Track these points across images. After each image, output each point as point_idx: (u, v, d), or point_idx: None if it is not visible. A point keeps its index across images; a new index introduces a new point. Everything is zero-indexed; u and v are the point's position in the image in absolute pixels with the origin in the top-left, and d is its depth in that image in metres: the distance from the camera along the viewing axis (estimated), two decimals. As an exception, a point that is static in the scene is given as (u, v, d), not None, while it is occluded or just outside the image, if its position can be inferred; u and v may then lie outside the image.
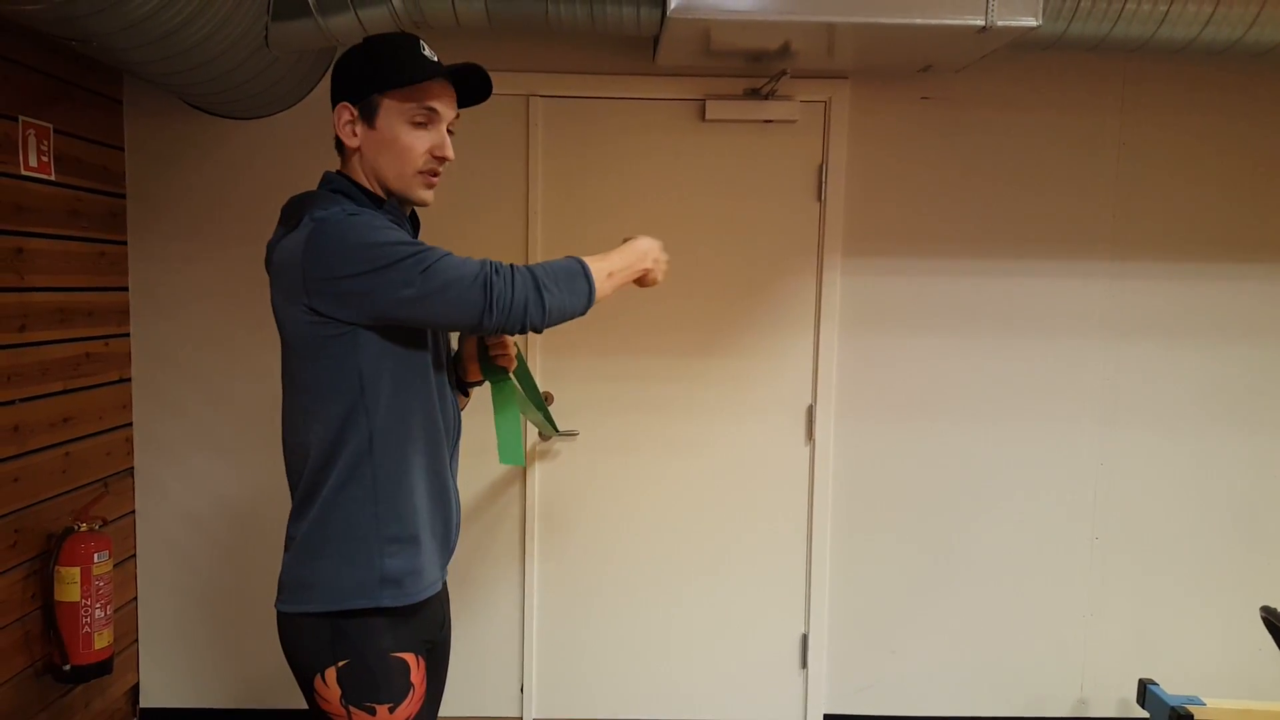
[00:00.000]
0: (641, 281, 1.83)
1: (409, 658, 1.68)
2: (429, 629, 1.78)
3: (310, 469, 1.68)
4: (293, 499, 1.74)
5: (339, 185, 1.69)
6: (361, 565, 1.64)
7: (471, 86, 1.75)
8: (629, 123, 3.10)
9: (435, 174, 1.71)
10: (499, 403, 1.84)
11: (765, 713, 3.26)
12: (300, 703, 3.28)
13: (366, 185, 1.70)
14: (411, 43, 1.67)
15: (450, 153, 1.70)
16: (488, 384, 1.90)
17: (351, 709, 1.64)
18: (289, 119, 3.05)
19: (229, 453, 3.14)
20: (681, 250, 3.14)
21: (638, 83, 3.07)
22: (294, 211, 1.66)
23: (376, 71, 1.65)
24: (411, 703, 1.67)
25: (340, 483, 1.65)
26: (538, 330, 1.63)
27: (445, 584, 1.86)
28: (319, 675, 1.64)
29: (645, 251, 1.80)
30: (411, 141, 1.66)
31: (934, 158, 3.13)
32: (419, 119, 1.66)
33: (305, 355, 1.64)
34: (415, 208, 1.80)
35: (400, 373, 1.66)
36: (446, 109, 1.70)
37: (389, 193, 1.71)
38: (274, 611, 3.10)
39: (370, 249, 1.55)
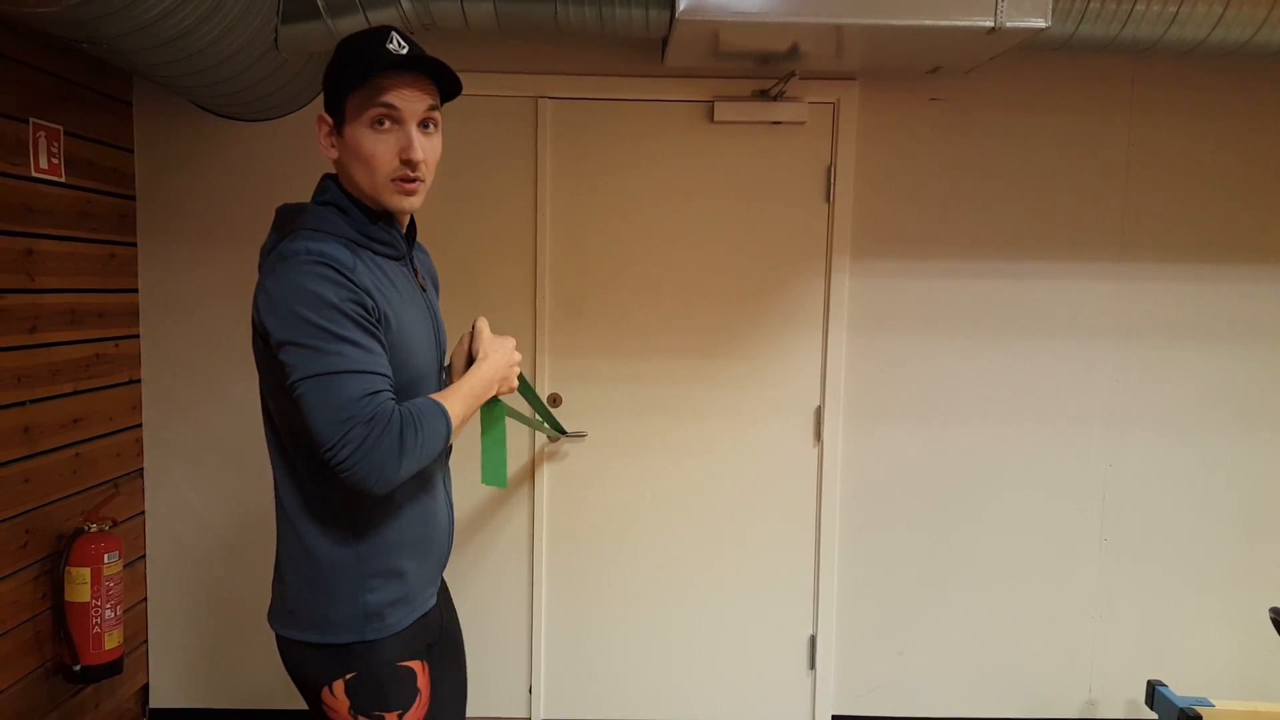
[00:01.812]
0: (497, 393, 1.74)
1: (415, 665, 1.66)
2: (428, 633, 1.75)
3: (279, 496, 1.63)
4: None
5: (332, 197, 1.59)
6: (345, 602, 1.59)
7: (447, 77, 1.58)
8: (638, 124, 3.11)
9: (409, 179, 1.55)
10: (487, 424, 1.79)
11: (773, 714, 3.26)
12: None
13: (357, 196, 1.60)
14: (376, 37, 1.51)
15: (417, 153, 1.53)
16: None
17: (360, 718, 1.61)
18: (298, 121, 3.06)
19: (238, 454, 3.14)
20: (690, 252, 3.14)
21: (646, 84, 3.07)
22: (283, 223, 1.59)
23: (339, 74, 1.53)
24: (419, 708, 1.66)
25: (316, 520, 1.60)
26: (377, 494, 1.51)
27: (443, 585, 1.86)
28: (326, 688, 1.61)
29: (492, 379, 1.69)
30: (374, 147, 1.52)
31: (942, 159, 3.13)
32: (378, 119, 1.52)
33: (265, 378, 1.59)
34: (412, 216, 1.70)
35: None
36: (410, 104, 1.53)
37: (375, 204, 1.59)
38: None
39: (296, 318, 1.45)
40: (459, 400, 1.61)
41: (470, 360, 1.75)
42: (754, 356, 3.17)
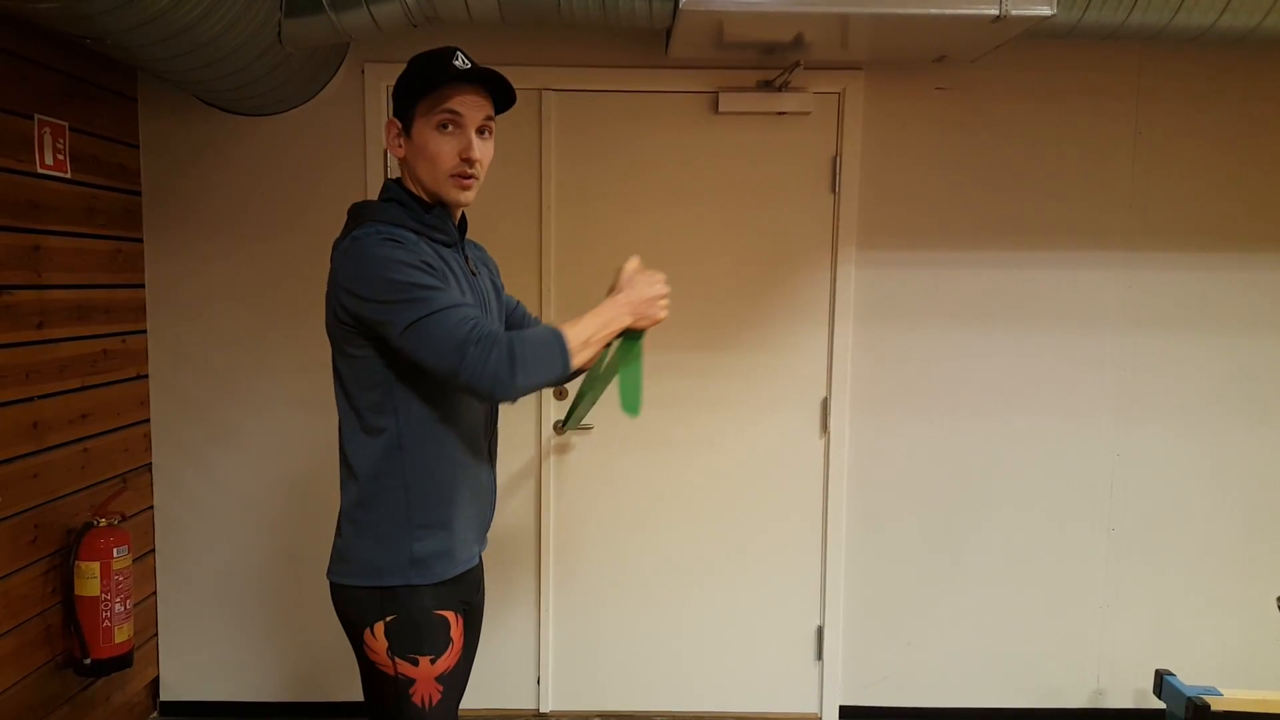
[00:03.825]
0: (638, 325, 1.83)
1: (449, 615, 1.82)
2: (466, 591, 1.90)
3: (344, 453, 1.82)
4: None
5: (394, 193, 1.81)
6: (393, 548, 1.77)
7: (503, 89, 1.81)
8: (642, 116, 3.10)
9: (467, 175, 1.78)
10: (623, 357, 1.88)
11: (781, 705, 3.26)
12: (317, 695, 3.31)
13: (416, 192, 1.82)
14: (445, 54, 1.76)
15: (476, 153, 1.77)
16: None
17: (397, 659, 1.77)
18: (303, 115, 3.06)
19: (246, 448, 3.15)
20: (694, 244, 3.14)
21: (650, 76, 3.06)
22: (352, 218, 1.80)
23: (411, 85, 1.77)
24: (450, 656, 1.82)
25: (374, 472, 1.78)
26: (507, 401, 1.70)
27: (480, 565, 1.98)
28: (368, 629, 1.78)
29: (623, 309, 1.80)
30: (439, 147, 1.75)
31: (948, 149, 3.12)
32: (443, 123, 1.75)
33: (338, 349, 1.78)
34: (463, 209, 1.89)
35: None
36: (471, 111, 1.76)
37: (433, 197, 1.81)
38: (291, 605, 3.19)
39: (384, 281, 1.65)
40: (583, 324, 1.74)
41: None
42: (759, 348, 3.17)
